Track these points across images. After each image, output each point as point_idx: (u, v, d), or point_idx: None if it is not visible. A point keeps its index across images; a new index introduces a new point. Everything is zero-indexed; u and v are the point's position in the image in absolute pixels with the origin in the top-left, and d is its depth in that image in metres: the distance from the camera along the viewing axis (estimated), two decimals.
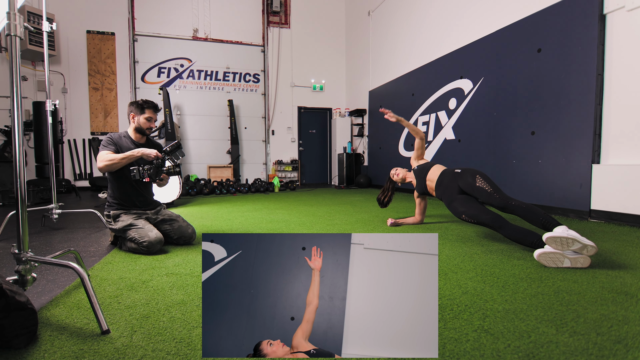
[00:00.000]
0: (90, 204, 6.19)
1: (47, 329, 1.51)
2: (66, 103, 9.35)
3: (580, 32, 4.21)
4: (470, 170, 3.16)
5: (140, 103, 3.11)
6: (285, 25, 11.21)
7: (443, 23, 6.89)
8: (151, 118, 3.14)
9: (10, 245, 2.71)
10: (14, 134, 1.56)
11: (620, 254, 2.61)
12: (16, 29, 1.54)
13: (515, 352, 1.27)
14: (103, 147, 2.97)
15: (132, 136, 3.16)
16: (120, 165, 2.88)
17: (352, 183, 10.25)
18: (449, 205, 3.16)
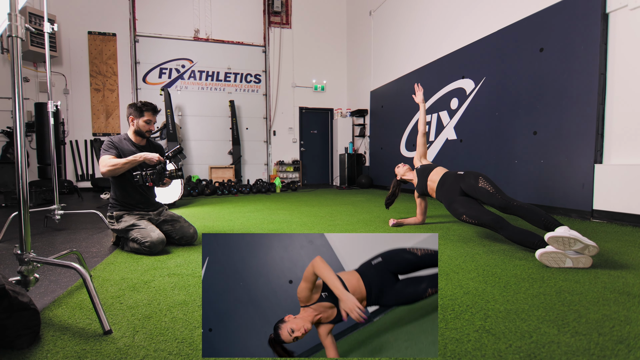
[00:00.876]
0: (92, 205, 6.20)
1: (49, 329, 1.51)
2: (68, 104, 9.37)
3: (583, 31, 4.20)
4: (473, 172, 3.17)
5: (138, 106, 3.09)
6: (286, 25, 11.21)
7: (445, 23, 6.88)
8: (150, 120, 3.13)
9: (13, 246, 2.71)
10: (16, 135, 1.56)
11: (623, 254, 2.61)
12: (17, 30, 1.54)
13: (517, 352, 1.27)
14: (104, 151, 2.99)
15: (133, 139, 3.16)
16: (123, 170, 2.91)
17: (353, 183, 10.25)
18: (448, 207, 3.16)
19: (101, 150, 3.02)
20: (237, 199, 7.43)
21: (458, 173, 3.30)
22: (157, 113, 3.20)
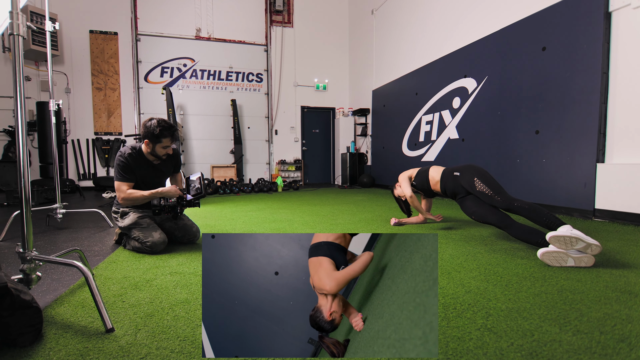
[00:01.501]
0: (94, 204, 6.21)
1: (52, 327, 1.52)
2: (69, 103, 9.39)
3: (586, 30, 4.19)
4: (469, 171, 3.14)
5: (156, 133, 2.84)
6: (288, 24, 11.21)
7: (447, 21, 6.87)
8: (168, 146, 2.94)
9: (15, 245, 2.72)
10: (17, 134, 1.56)
11: (625, 253, 2.60)
12: (19, 29, 1.54)
13: (519, 351, 1.27)
14: (121, 176, 2.90)
15: (147, 156, 3.01)
16: (142, 203, 2.93)
17: (355, 183, 10.25)
18: (461, 204, 3.17)
19: (115, 169, 2.91)
20: (238, 198, 7.44)
21: (454, 174, 3.28)
22: (176, 137, 2.99)
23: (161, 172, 3.15)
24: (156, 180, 3.12)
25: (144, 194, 2.88)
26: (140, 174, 2.98)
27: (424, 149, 7.45)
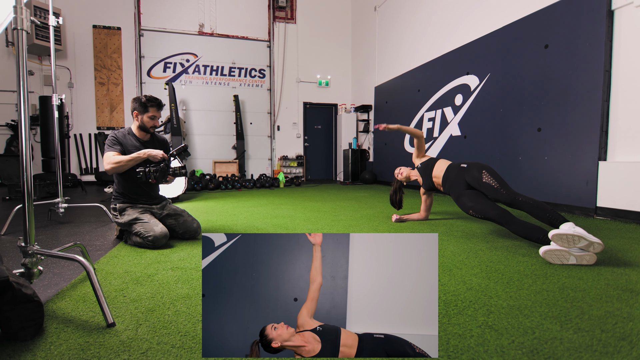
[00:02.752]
0: (96, 199, 6.23)
1: (53, 321, 1.52)
2: (72, 98, 9.39)
3: (588, 28, 4.17)
4: (477, 165, 3.14)
5: (143, 101, 3.02)
6: (291, 20, 11.18)
7: (450, 19, 6.85)
8: (155, 116, 3.07)
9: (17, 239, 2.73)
10: (20, 129, 1.57)
11: (626, 251, 2.60)
12: (23, 23, 1.54)
13: (520, 348, 1.27)
14: (108, 148, 2.96)
15: (137, 133, 3.12)
16: (127, 167, 2.90)
17: (357, 179, 10.24)
18: (457, 200, 3.16)
19: (105, 145, 3.00)
20: (240, 193, 7.44)
21: (461, 165, 3.28)
22: (162, 108, 3.14)
23: (152, 140, 3.23)
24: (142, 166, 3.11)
25: (130, 156, 2.89)
26: (128, 147, 3.02)
27: (426, 145, 7.43)
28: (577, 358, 1.21)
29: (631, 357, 1.21)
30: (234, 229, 3.62)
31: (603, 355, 1.22)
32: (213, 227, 3.72)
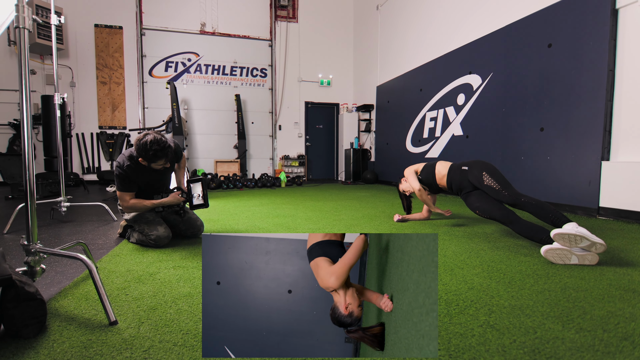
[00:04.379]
0: (98, 198, 6.24)
1: (55, 319, 1.53)
2: (74, 97, 9.41)
3: (592, 27, 4.16)
4: (477, 165, 3.14)
5: (150, 155, 2.66)
6: (293, 19, 11.17)
7: (452, 18, 6.83)
8: (162, 164, 2.80)
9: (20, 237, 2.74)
10: (22, 128, 1.57)
11: (629, 251, 2.59)
12: (25, 22, 1.55)
13: (521, 348, 1.27)
14: (121, 187, 2.82)
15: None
16: (145, 210, 2.96)
17: (359, 179, 10.24)
18: (465, 200, 3.17)
19: (116, 181, 2.82)
20: (242, 193, 7.45)
21: (462, 168, 3.27)
22: (168, 156, 2.78)
23: (162, 175, 3.04)
24: (161, 179, 3.06)
25: (146, 204, 2.88)
26: (142, 180, 2.89)
27: (428, 145, 7.43)
28: (579, 358, 1.21)
29: (633, 357, 1.21)
30: (235, 228, 3.62)
31: (605, 355, 1.22)
32: (215, 226, 3.73)
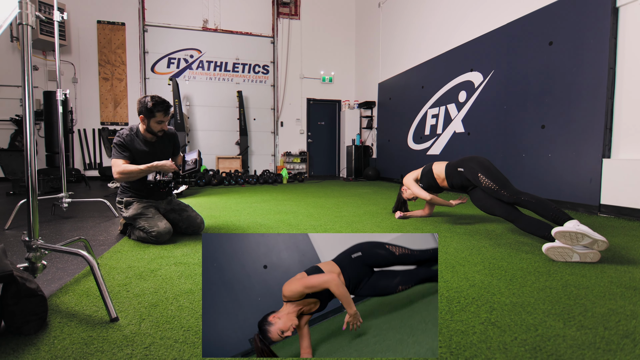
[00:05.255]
0: (99, 194, 6.25)
1: (56, 315, 1.53)
2: (76, 93, 9.42)
3: (593, 25, 4.14)
4: (471, 164, 3.11)
5: (149, 107, 2.84)
6: (295, 16, 11.15)
7: (454, 15, 6.81)
8: (162, 121, 2.94)
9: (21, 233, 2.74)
10: (25, 123, 1.57)
11: (630, 249, 2.59)
12: (28, 18, 1.54)
13: (522, 345, 1.27)
14: (117, 154, 2.91)
15: (145, 135, 3.02)
16: (137, 177, 2.91)
17: (360, 175, 10.23)
18: (471, 196, 3.17)
19: (112, 149, 2.93)
20: (244, 189, 7.45)
21: (458, 170, 3.25)
22: (170, 111, 2.99)
23: (160, 152, 3.10)
24: (154, 160, 3.05)
25: (140, 167, 2.87)
26: (137, 152, 2.97)
27: (429, 142, 7.42)
28: (580, 355, 1.21)
29: (634, 354, 1.21)
30: (237, 224, 3.62)
31: (606, 353, 1.22)
32: (216, 223, 3.73)
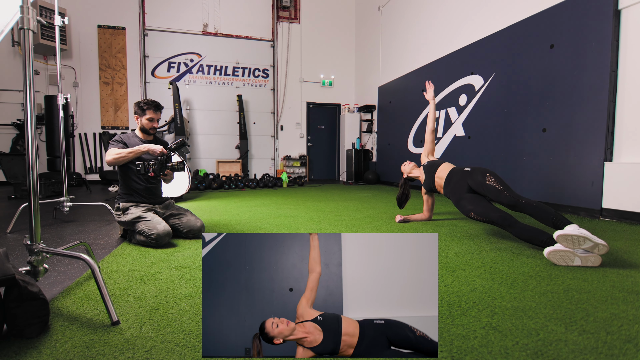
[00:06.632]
0: (100, 197, 6.25)
1: (58, 319, 1.53)
2: (77, 97, 9.43)
3: (594, 28, 4.15)
4: (481, 168, 3.13)
5: (141, 105, 3.19)
6: (294, 20, 11.18)
7: (454, 18, 6.83)
8: (153, 118, 3.22)
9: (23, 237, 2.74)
10: (26, 128, 1.57)
11: (632, 253, 2.58)
12: (29, 23, 1.55)
13: (524, 350, 1.26)
14: (112, 144, 3.12)
15: (140, 135, 3.29)
16: (127, 159, 3.00)
17: (360, 179, 10.24)
18: (457, 203, 3.15)
19: (109, 143, 3.14)
20: (244, 193, 7.45)
21: (465, 169, 3.27)
22: (160, 110, 3.29)
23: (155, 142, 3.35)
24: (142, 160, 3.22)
25: (129, 149, 3.02)
26: (132, 146, 3.15)
27: None
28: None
29: (637, 359, 1.21)
30: (237, 228, 3.62)
31: (608, 358, 1.22)
32: (216, 226, 3.73)
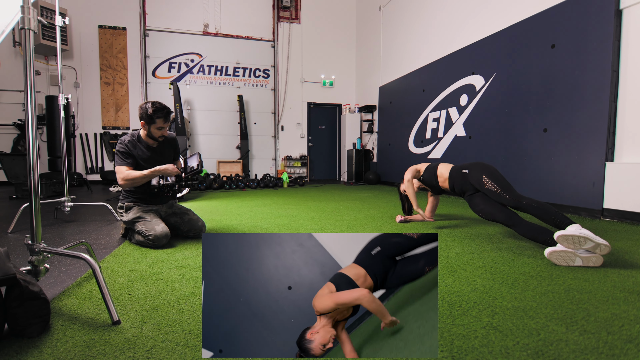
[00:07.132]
0: (101, 197, 6.26)
1: (59, 318, 1.53)
2: (78, 97, 9.44)
3: (596, 28, 4.15)
4: (477, 168, 3.11)
5: (150, 114, 2.88)
6: (295, 20, 11.19)
7: (455, 18, 6.83)
8: (162, 127, 2.97)
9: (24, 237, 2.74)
10: (27, 128, 1.58)
11: (633, 253, 2.58)
12: (30, 23, 1.55)
13: (524, 350, 1.26)
14: (120, 161, 2.95)
15: (146, 140, 3.07)
16: (142, 183, 2.94)
17: (361, 179, 10.24)
18: (469, 201, 3.15)
19: (116, 156, 2.98)
20: (244, 193, 7.45)
21: (463, 171, 3.25)
22: (170, 118, 3.03)
23: (162, 156, 3.14)
24: (159, 160, 3.12)
25: (143, 172, 2.90)
26: (140, 158, 3.01)
27: (430, 146, 7.42)
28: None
29: (638, 359, 1.21)
30: (237, 228, 3.62)
31: (609, 358, 1.21)
32: (217, 226, 3.73)
